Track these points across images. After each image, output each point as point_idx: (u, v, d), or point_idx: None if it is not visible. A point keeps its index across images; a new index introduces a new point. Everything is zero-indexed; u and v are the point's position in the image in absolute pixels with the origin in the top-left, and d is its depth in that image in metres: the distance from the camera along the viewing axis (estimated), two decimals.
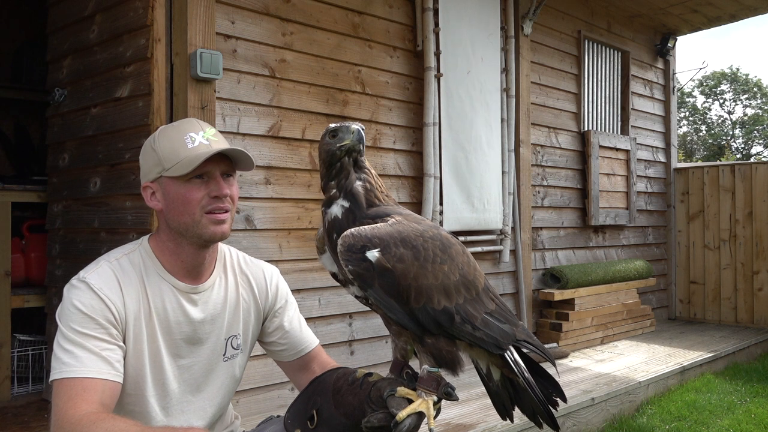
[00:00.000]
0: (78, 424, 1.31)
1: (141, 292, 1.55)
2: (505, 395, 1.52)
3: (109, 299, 1.49)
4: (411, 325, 1.37)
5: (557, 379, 1.54)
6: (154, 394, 1.57)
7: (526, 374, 1.46)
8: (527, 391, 1.47)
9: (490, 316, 1.43)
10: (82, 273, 1.53)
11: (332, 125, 1.47)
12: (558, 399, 1.53)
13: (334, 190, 1.45)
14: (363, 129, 1.46)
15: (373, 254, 1.33)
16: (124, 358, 1.51)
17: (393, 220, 1.40)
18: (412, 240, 1.37)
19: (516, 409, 1.55)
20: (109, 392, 1.42)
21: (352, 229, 1.36)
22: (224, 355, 1.67)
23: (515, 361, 1.45)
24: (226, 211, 1.57)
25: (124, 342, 1.51)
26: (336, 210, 1.44)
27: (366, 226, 1.37)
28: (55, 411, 1.37)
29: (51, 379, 1.42)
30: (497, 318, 1.44)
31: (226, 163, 1.59)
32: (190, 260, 1.59)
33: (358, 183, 1.44)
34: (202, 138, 1.55)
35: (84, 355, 1.42)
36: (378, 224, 1.38)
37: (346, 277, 1.51)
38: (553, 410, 1.51)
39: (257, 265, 1.79)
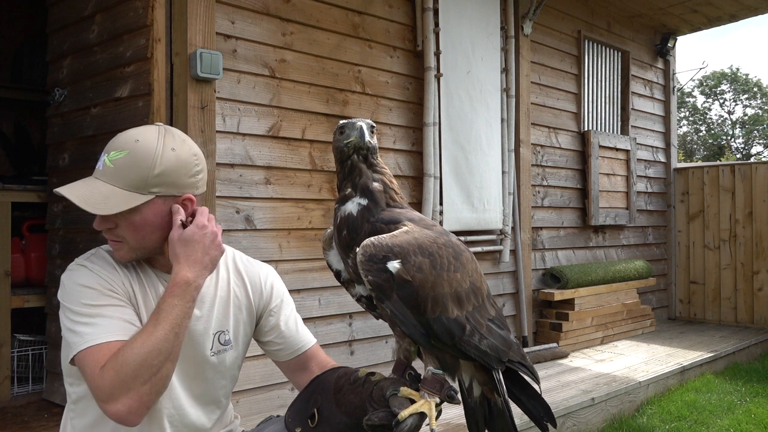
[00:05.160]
0: (110, 369, 1.33)
1: (135, 278, 1.57)
2: (480, 414, 1.50)
3: (109, 277, 1.51)
4: (422, 340, 1.36)
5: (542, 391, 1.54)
6: None
7: (506, 396, 1.46)
8: (503, 414, 1.46)
9: (492, 323, 1.43)
10: (78, 259, 1.56)
11: (342, 122, 1.46)
12: (548, 424, 1.51)
13: (349, 189, 1.44)
14: (368, 125, 1.43)
15: (393, 265, 1.32)
16: None
17: (407, 227, 1.39)
18: (428, 247, 1.36)
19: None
20: None
21: (373, 239, 1.35)
22: (211, 349, 1.66)
23: (500, 380, 1.45)
24: (116, 241, 1.54)
25: None
26: (351, 207, 1.42)
27: (385, 235, 1.35)
28: (89, 381, 1.37)
29: (75, 352, 1.40)
30: (497, 324, 1.44)
31: None
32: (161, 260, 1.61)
33: (375, 182, 1.43)
34: (101, 163, 1.51)
35: (103, 323, 1.42)
36: (395, 232, 1.37)
37: (352, 277, 1.50)
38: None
39: (253, 265, 1.79)
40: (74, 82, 3.40)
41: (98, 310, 1.44)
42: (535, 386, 1.52)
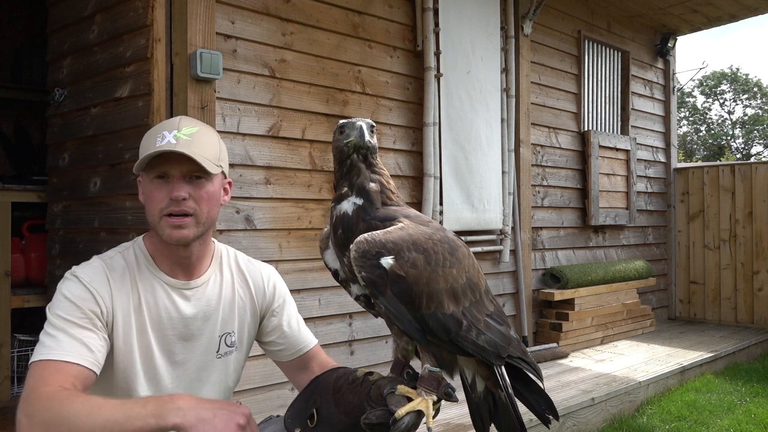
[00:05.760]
0: (52, 399, 1.30)
1: (131, 288, 1.56)
2: (485, 409, 1.50)
3: (97, 292, 1.50)
4: (418, 336, 1.36)
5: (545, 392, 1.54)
6: (147, 389, 1.57)
7: (510, 390, 1.46)
8: (507, 408, 1.46)
9: (491, 318, 1.43)
10: (74, 268, 1.56)
11: (342, 121, 1.47)
12: (550, 416, 1.51)
13: (346, 188, 1.44)
14: (368, 125, 1.43)
15: (387, 261, 1.31)
16: (113, 352, 1.52)
17: (402, 224, 1.39)
18: (423, 243, 1.36)
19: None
20: (82, 379, 1.41)
21: (366, 235, 1.35)
22: (218, 352, 1.67)
23: (501, 375, 1.45)
24: (186, 215, 1.52)
25: (112, 336, 1.52)
26: (347, 206, 1.43)
27: (379, 232, 1.35)
28: (25, 389, 1.35)
29: (30, 362, 1.41)
30: (496, 320, 1.44)
31: (190, 163, 1.52)
32: (175, 256, 1.60)
33: (372, 182, 1.43)
34: (171, 136, 1.51)
35: (65, 340, 1.42)
36: (389, 228, 1.37)
37: (348, 276, 1.50)
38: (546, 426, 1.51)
39: (255, 265, 1.80)
40: (74, 82, 3.40)
41: (66, 325, 1.44)
42: (538, 382, 1.52)
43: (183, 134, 1.52)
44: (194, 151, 1.50)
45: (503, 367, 1.46)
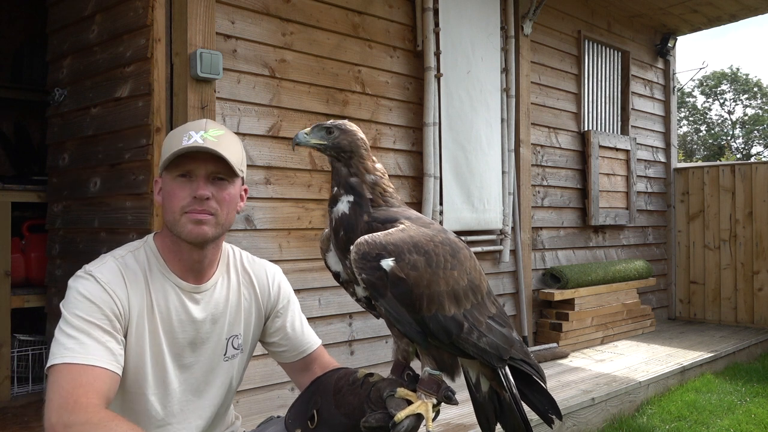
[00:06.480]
0: (96, 415, 1.29)
1: (144, 290, 1.55)
2: (490, 409, 1.51)
3: (114, 293, 1.49)
4: (418, 338, 1.36)
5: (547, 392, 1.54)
6: (155, 392, 1.56)
7: (514, 390, 1.46)
8: (512, 408, 1.46)
9: (492, 320, 1.43)
10: (88, 266, 1.54)
11: None
12: (553, 416, 1.52)
13: (336, 188, 1.45)
14: (315, 127, 1.45)
15: (387, 263, 1.31)
16: (125, 354, 1.51)
17: (403, 225, 1.39)
18: (424, 245, 1.35)
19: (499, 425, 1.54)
20: (114, 385, 1.42)
21: (366, 236, 1.34)
22: (225, 354, 1.67)
23: (506, 375, 1.45)
24: (208, 214, 1.53)
25: (125, 338, 1.51)
26: (343, 207, 1.43)
27: (379, 233, 1.35)
28: (59, 393, 1.33)
29: (52, 363, 1.38)
30: (498, 322, 1.44)
31: (216, 164, 1.53)
32: (187, 258, 1.59)
33: (353, 179, 1.44)
34: (199, 137, 1.52)
35: (90, 343, 1.41)
36: (390, 230, 1.36)
37: (351, 278, 1.50)
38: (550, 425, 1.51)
39: (260, 265, 1.79)
40: (74, 82, 3.40)
41: (88, 327, 1.42)
42: (541, 383, 1.52)
43: (210, 135, 1.53)
44: (222, 152, 1.52)
45: (507, 368, 1.46)
